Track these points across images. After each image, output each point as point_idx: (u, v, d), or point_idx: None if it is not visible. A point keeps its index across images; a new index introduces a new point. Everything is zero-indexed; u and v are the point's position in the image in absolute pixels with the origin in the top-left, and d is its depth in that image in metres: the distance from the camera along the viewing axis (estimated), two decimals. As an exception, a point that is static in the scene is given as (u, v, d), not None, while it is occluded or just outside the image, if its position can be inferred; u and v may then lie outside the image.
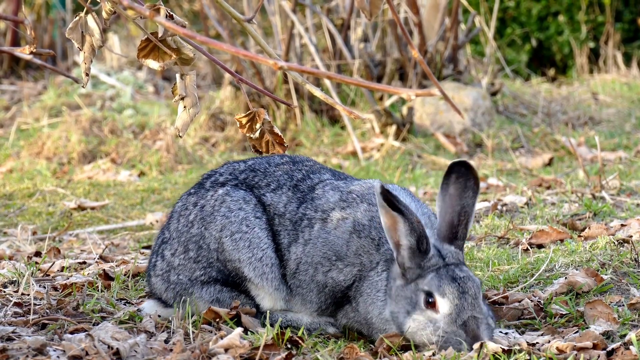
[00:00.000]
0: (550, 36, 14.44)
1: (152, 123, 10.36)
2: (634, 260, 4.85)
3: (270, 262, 4.20)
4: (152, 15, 2.92)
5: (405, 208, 3.90)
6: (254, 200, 4.27)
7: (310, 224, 4.19)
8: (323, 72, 2.99)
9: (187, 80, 4.16)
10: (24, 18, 3.91)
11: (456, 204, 4.01)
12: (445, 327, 3.90)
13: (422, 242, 3.94)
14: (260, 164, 4.43)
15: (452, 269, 3.95)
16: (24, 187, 8.19)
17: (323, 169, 4.41)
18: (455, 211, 4.02)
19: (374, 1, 3.84)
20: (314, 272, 4.14)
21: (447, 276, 3.93)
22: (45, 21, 13.50)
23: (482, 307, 3.94)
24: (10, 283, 4.98)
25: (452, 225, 4.02)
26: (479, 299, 3.93)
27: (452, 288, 3.91)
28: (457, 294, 3.90)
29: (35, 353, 3.83)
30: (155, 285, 4.40)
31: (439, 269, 3.95)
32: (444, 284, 3.92)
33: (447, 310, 3.91)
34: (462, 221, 4.02)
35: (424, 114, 9.99)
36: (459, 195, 4.02)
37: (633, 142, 9.61)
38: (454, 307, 3.90)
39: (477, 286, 3.94)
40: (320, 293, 4.14)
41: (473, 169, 4.05)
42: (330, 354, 3.92)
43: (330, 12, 10.30)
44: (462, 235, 4.03)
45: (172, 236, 4.37)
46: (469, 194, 4.02)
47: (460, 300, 3.90)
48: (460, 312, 3.90)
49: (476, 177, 4.04)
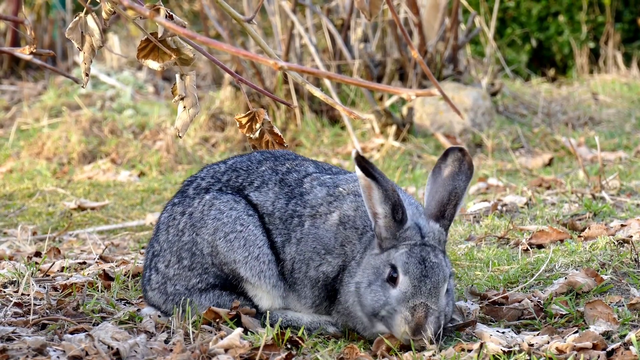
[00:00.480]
0: (550, 36, 14.44)
1: (152, 123, 10.37)
2: (634, 260, 4.85)
3: (267, 259, 4.18)
4: (152, 15, 2.92)
5: (380, 175, 3.89)
6: (244, 201, 4.26)
7: (300, 222, 4.18)
8: (323, 72, 2.99)
9: (186, 81, 4.16)
10: (24, 18, 3.91)
11: (448, 184, 4.01)
12: (395, 304, 3.88)
13: (397, 211, 3.92)
14: (242, 162, 4.39)
15: (427, 251, 3.93)
16: (24, 187, 8.19)
17: (306, 162, 4.39)
18: (446, 190, 4.01)
19: (373, 1, 3.84)
20: (307, 268, 4.14)
21: (417, 255, 3.91)
22: (45, 21, 13.50)
23: (440, 300, 3.90)
24: (10, 283, 4.98)
25: (441, 203, 4.01)
26: (440, 290, 3.89)
27: (416, 269, 3.88)
28: (419, 276, 3.88)
29: (35, 353, 3.83)
30: (153, 299, 4.35)
31: (415, 245, 3.93)
32: (411, 262, 3.89)
33: (403, 289, 3.88)
34: (451, 201, 4.00)
35: (424, 114, 9.99)
36: (452, 177, 4.02)
37: (633, 142, 9.61)
38: (411, 288, 3.87)
39: (443, 276, 3.90)
40: (313, 288, 4.14)
41: (468, 155, 4.05)
42: (330, 354, 3.92)
43: (330, 12, 10.30)
44: (449, 215, 4.01)
45: (162, 248, 4.32)
46: (462, 177, 4.02)
47: (419, 283, 3.87)
48: (415, 295, 3.87)
49: (470, 163, 4.04)
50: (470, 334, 4.14)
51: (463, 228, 5.89)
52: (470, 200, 6.82)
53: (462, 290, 4.61)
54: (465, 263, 5.11)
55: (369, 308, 3.95)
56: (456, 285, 4.72)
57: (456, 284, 4.77)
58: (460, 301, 4.42)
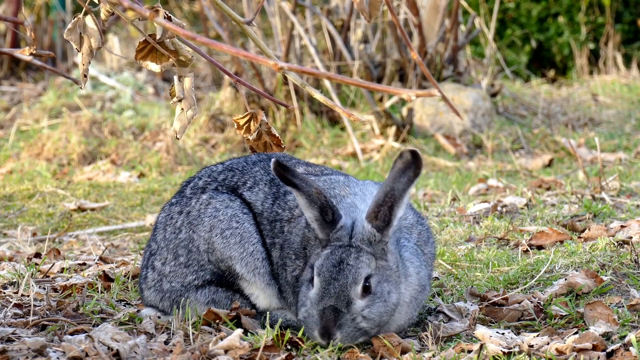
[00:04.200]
0: (550, 37, 14.44)
1: (152, 124, 10.37)
2: (633, 261, 4.85)
3: (260, 256, 4.19)
4: (152, 16, 2.92)
5: (301, 181, 3.84)
6: (239, 200, 4.27)
7: (281, 227, 4.19)
8: (323, 73, 2.99)
9: (185, 83, 4.16)
10: (23, 19, 3.91)
11: (387, 185, 3.88)
12: (309, 307, 3.86)
13: (326, 213, 3.87)
14: (238, 163, 4.41)
15: (348, 252, 3.86)
16: (23, 188, 8.19)
17: (298, 163, 4.39)
18: (383, 191, 3.89)
19: (373, 3, 3.84)
20: (285, 274, 4.16)
21: (334, 257, 3.85)
22: (45, 22, 13.51)
23: (355, 303, 3.82)
24: (10, 284, 4.98)
25: (377, 203, 3.89)
26: (350, 292, 3.81)
27: (327, 270, 3.83)
28: (327, 278, 3.82)
29: (35, 354, 3.83)
30: (150, 297, 4.36)
31: (339, 247, 3.87)
32: (325, 264, 3.84)
33: (315, 290, 3.85)
34: (386, 202, 3.88)
35: (424, 115, 9.99)
36: (394, 179, 3.88)
37: (633, 143, 9.61)
38: (320, 290, 3.84)
39: (355, 278, 3.81)
40: (294, 293, 4.14)
41: (419, 159, 3.88)
42: (330, 355, 3.92)
43: (330, 13, 10.30)
44: (382, 216, 3.88)
45: (160, 246, 4.33)
46: (404, 180, 3.87)
47: (327, 286, 3.82)
48: (323, 298, 3.82)
49: (418, 168, 3.88)
50: (470, 334, 4.13)
51: (463, 229, 5.89)
52: (470, 201, 6.82)
53: (462, 291, 4.61)
54: (465, 264, 5.11)
55: (298, 310, 3.95)
56: (455, 286, 4.73)
57: (456, 284, 4.77)
58: (460, 302, 4.42)
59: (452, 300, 4.53)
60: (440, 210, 6.55)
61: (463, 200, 6.88)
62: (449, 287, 4.74)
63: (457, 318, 4.27)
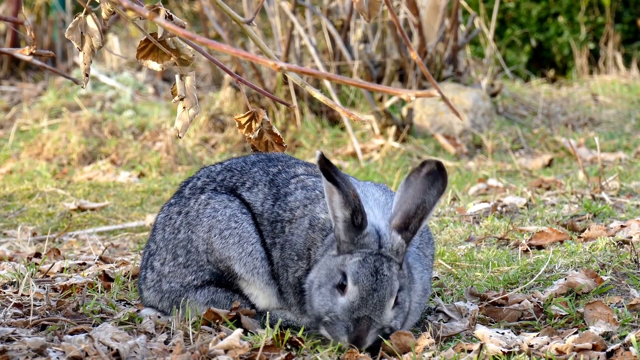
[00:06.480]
0: (550, 37, 14.44)
1: (152, 124, 10.37)
2: (633, 261, 4.85)
3: (259, 255, 4.19)
4: (152, 16, 2.92)
5: (342, 180, 3.84)
6: (238, 200, 4.27)
7: (282, 227, 4.18)
8: (323, 73, 2.99)
9: (186, 81, 4.16)
10: (23, 19, 3.91)
11: (418, 197, 3.90)
12: (340, 313, 3.86)
13: (356, 216, 3.87)
14: (237, 163, 4.41)
15: (381, 261, 3.87)
16: (23, 188, 8.19)
17: (298, 164, 4.39)
18: (414, 203, 3.90)
19: (372, 3, 3.84)
20: (287, 275, 4.15)
21: (370, 266, 3.85)
22: (45, 22, 13.51)
23: (386, 314, 3.86)
24: (10, 284, 4.98)
25: (407, 215, 3.91)
26: (387, 304, 3.84)
27: (366, 280, 3.84)
28: (368, 289, 3.83)
29: (35, 354, 3.83)
30: (149, 298, 4.36)
31: (370, 255, 3.87)
32: (362, 272, 3.84)
33: (351, 299, 3.84)
34: (418, 214, 3.90)
35: (423, 115, 9.99)
36: (423, 190, 3.90)
37: (633, 143, 9.61)
38: (357, 299, 3.83)
39: (392, 290, 3.84)
40: (295, 294, 4.14)
41: (445, 171, 3.94)
42: (330, 355, 3.92)
43: (330, 13, 10.30)
44: (413, 228, 3.91)
45: (159, 246, 4.33)
46: (434, 192, 3.90)
47: (367, 296, 3.83)
48: (360, 308, 3.83)
49: (445, 180, 3.93)
50: (470, 334, 4.14)
51: (463, 229, 5.89)
52: (470, 201, 6.82)
53: (462, 291, 4.61)
54: (465, 264, 5.11)
55: (315, 311, 3.95)
56: (455, 286, 4.73)
57: (455, 284, 4.77)
58: (460, 302, 4.42)
59: (452, 300, 4.53)
60: (440, 210, 6.55)
61: (463, 200, 6.88)
62: (449, 287, 4.74)
63: (457, 318, 4.27)
